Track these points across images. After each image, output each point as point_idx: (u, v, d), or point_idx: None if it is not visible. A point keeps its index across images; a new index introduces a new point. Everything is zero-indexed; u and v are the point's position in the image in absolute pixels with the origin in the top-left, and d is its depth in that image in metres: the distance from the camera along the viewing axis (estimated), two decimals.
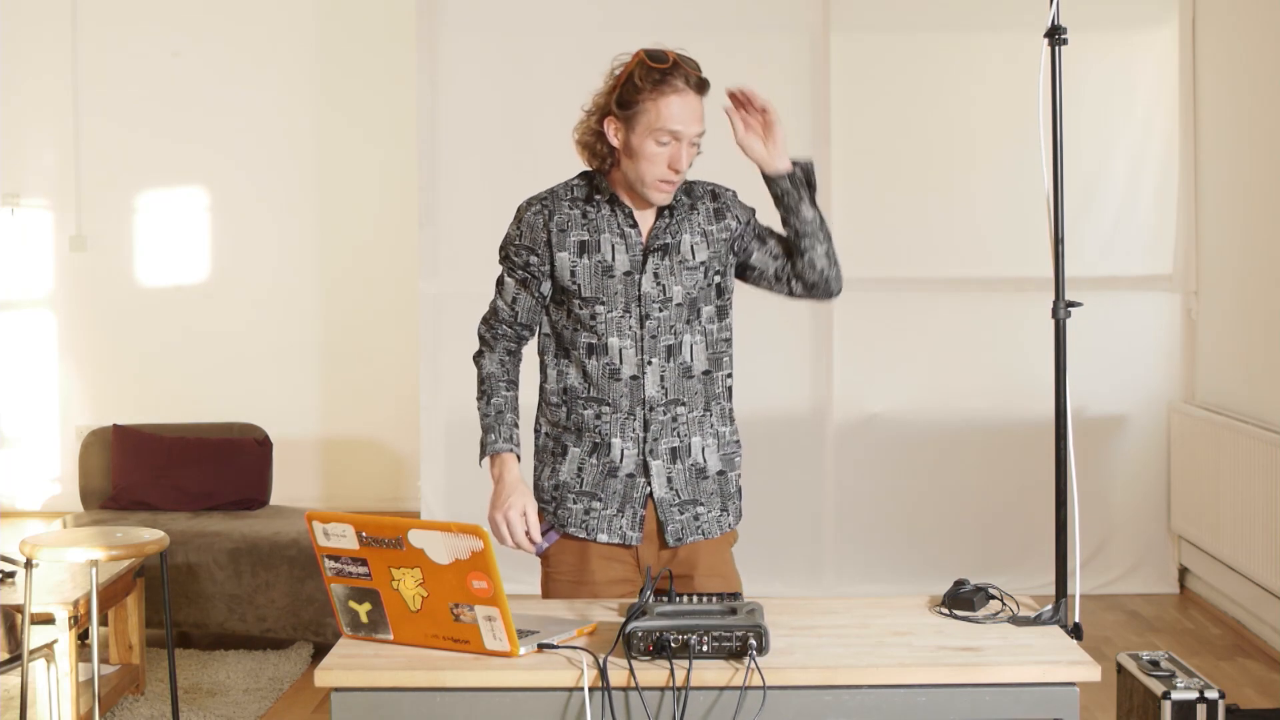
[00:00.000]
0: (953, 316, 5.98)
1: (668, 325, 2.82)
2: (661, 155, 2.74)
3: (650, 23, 5.89)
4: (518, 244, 2.87)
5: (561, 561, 2.88)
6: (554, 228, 2.83)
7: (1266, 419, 5.21)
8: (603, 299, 2.81)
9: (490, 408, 2.90)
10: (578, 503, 2.86)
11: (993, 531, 5.97)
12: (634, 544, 2.85)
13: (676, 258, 2.83)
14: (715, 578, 2.88)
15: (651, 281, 2.81)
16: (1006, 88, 5.82)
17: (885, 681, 2.28)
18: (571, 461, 2.88)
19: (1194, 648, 5.19)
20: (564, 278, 2.82)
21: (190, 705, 4.56)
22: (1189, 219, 5.92)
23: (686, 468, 2.86)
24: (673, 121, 2.72)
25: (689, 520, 2.87)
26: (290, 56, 7.44)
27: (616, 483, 2.84)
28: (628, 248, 2.82)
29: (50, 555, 3.98)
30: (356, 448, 7.52)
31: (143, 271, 7.57)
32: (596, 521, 2.85)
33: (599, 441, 2.85)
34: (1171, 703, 3.15)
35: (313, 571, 4.99)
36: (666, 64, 2.73)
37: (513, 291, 2.91)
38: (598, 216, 2.83)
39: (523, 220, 2.87)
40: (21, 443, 7.66)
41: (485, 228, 6.06)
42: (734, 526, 2.95)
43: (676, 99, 2.72)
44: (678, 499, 2.85)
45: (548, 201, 2.86)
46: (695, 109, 2.74)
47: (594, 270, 2.81)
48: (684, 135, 2.73)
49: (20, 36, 7.37)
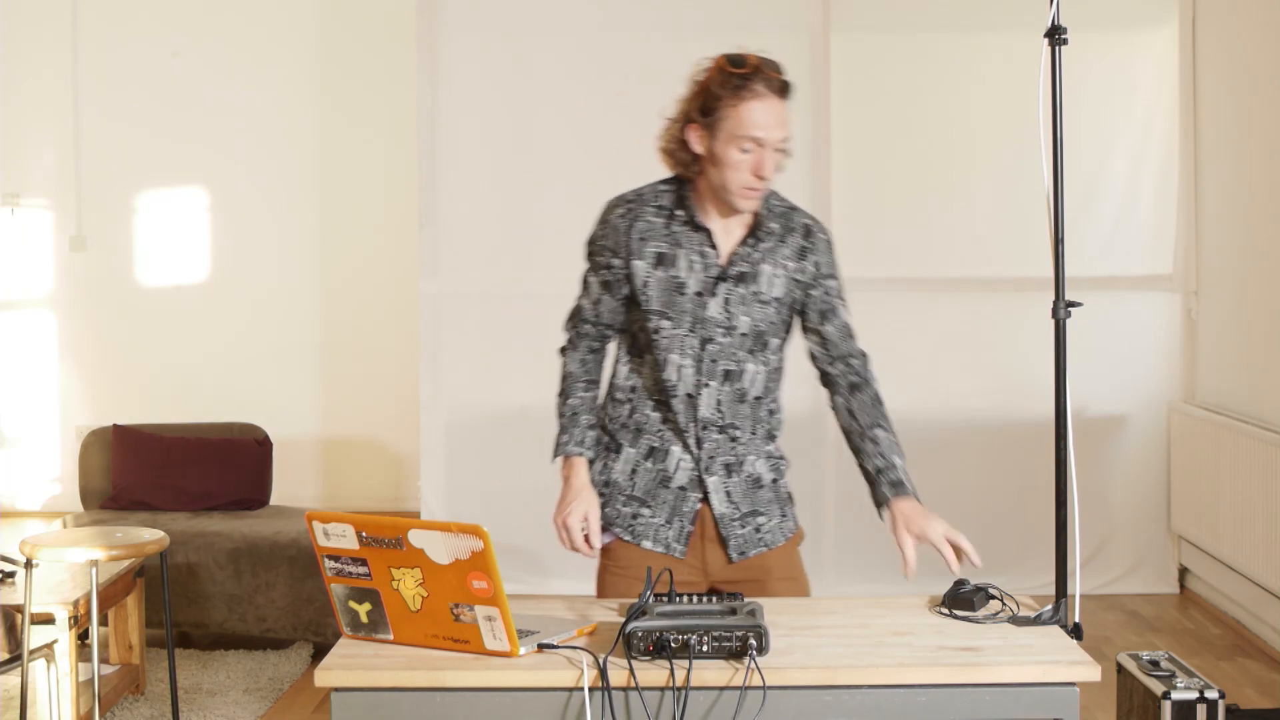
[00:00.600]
0: (953, 316, 5.98)
1: (729, 352, 2.78)
2: (745, 162, 2.68)
3: (650, 23, 5.90)
4: (600, 244, 2.84)
5: (622, 556, 2.86)
6: (635, 234, 2.79)
7: (1266, 419, 5.21)
8: (669, 315, 2.77)
9: (566, 408, 2.88)
10: (627, 506, 2.85)
11: (993, 531, 5.95)
12: (678, 556, 2.82)
13: (752, 288, 2.78)
14: (786, 581, 2.85)
15: (720, 307, 2.77)
16: (1006, 88, 5.82)
17: (885, 681, 2.28)
18: (625, 461, 2.86)
19: (1194, 648, 5.19)
20: (637, 286, 2.79)
21: (190, 705, 4.56)
22: (1189, 219, 5.92)
23: (742, 478, 2.84)
24: (755, 128, 2.65)
25: (750, 534, 2.84)
26: (290, 56, 7.44)
27: (668, 493, 2.83)
28: (704, 268, 2.77)
29: (50, 555, 3.98)
30: (356, 448, 7.52)
31: (143, 271, 7.57)
32: (644, 528, 2.84)
33: (657, 446, 2.83)
34: (1171, 703, 3.15)
35: (313, 571, 4.99)
36: (746, 69, 2.66)
37: (596, 292, 2.87)
38: (680, 232, 2.78)
39: (607, 221, 2.83)
40: (21, 443, 7.66)
41: (485, 228, 6.11)
42: (794, 532, 2.91)
43: (758, 104, 2.65)
44: (738, 512, 2.83)
45: (634, 204, 2.82)
46: (778, 114, 2.67)
47: (666, 284, 2.77)
48: (767, 141, 2.66)
49: (20, 36, 7.37)
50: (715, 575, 2.85)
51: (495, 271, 5.94)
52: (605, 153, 5.90)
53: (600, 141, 5.90)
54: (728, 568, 2.84)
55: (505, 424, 5.97)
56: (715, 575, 2.85)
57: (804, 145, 5.82)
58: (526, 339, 5.89)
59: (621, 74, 5.91)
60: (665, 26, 5.87)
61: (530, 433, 5.93)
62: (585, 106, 5.89)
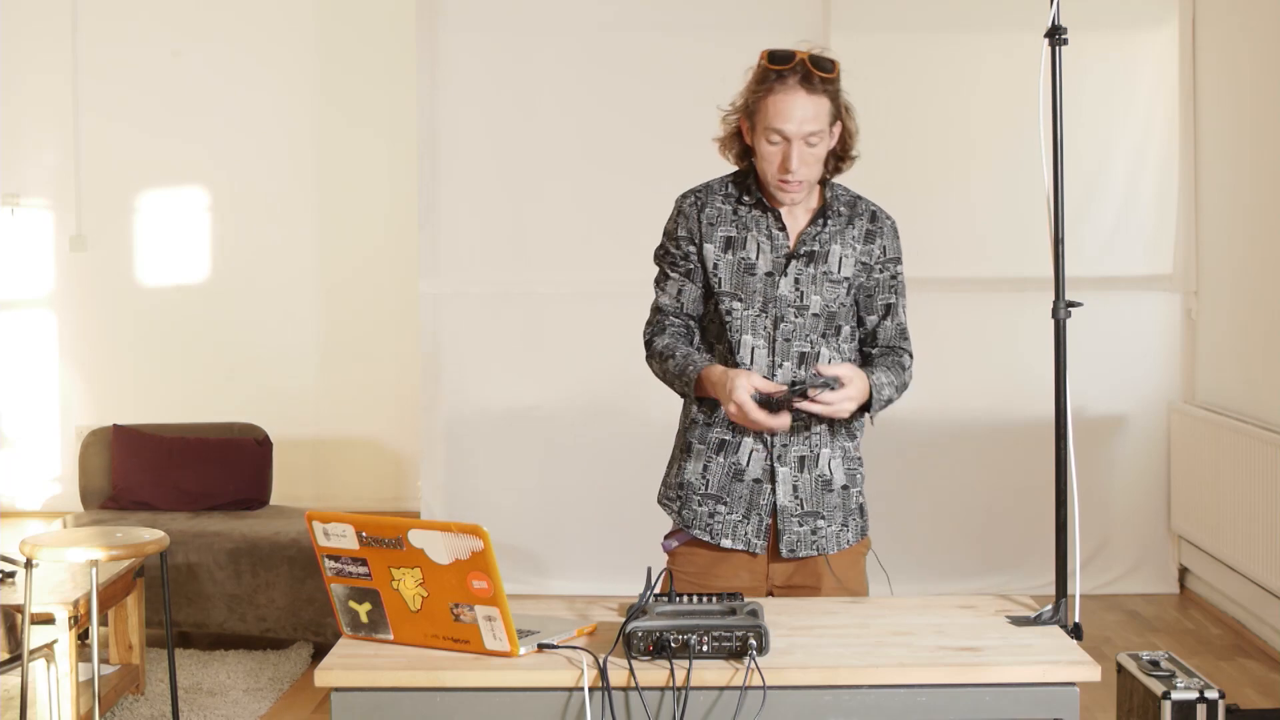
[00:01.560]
0: (953, 316, 5.98)
1: (803, 333, 2.79)
2: (774, 155, 2.71)
3: (651, 23, 5.90)
4: (676, 235, 2.85)
5: (690, 563, 2.85)
6: (704, 220, 2.82)
7: (1266, 419, 5.21)
8: (741, 296, 2.79)
9: (675, 361, 2.80)
10: (703, 505, 2.84)
11: (993, 531, 5.96)
12: (759, 552, 2.82)
13: (822, 267, 2.79)
14: (840, 590, 2.83)
15: (791, 286, 2.78)
16: (1006, 88, 5.82)
17: (885, 681, 2.28)
18: (696, 459, 2.85)
19: (1194, 648, 5.18)
20: (709, 269, 2.81)
21: (190, 705, 4.56)
22: (1189, 219, 5.92)
23: (813, 478, 2.82)
24: (777, 120, 2.68)
25: (806, 534, 2.82)
26: (290, 56, 7.44)
27: (743, 487, 2.82)
28: (773, 249, 2.79)
29: (50, 555, 3.98)
30: (356, 448, 7.52)
31: (143, 271, 7.57)
32: (722, 526, 2.83)
33: (728, 439, 2.82)
34: (1171, 703, 3.15)
35: (313, 571, 4.99)
36: (780, 62, 2.69)
37: (677, 284, 2.87)
38: (748, 215, 2.81)
39: (681, 211, 2.86)
40: (21, 443, 7.66)
41: (485, 228, 6.10)
42: (854, 543, 2.88)
43: (783, 97, 2.68)
44: (800, 509, 2.82)
45: (701, 194, 2.85)
46: (804, 107, 2.68)
47: (736, 267, 2.80)
48: (792, 135, 2.68)
49: (20, 36, 7.37)
50: (773, 577, 2.83)
51: (495, 271, 5.93)
52: (606, 152, 5.91)
53: (601, 141, 5.90)
54: (776, 564, 2.82)
55: (505, 424, 5.97)
56: (773, 577, 2.83)
57: None
58: (526, 339, 5.89)
59: (622, 73, 5.91)
60: (666, 26, 5.87)
61: (531, 433, 5.95)
62: (586, 106, 5.89)
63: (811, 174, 2.74)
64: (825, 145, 2.74)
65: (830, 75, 2.71)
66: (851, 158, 2.82)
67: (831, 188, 2.84)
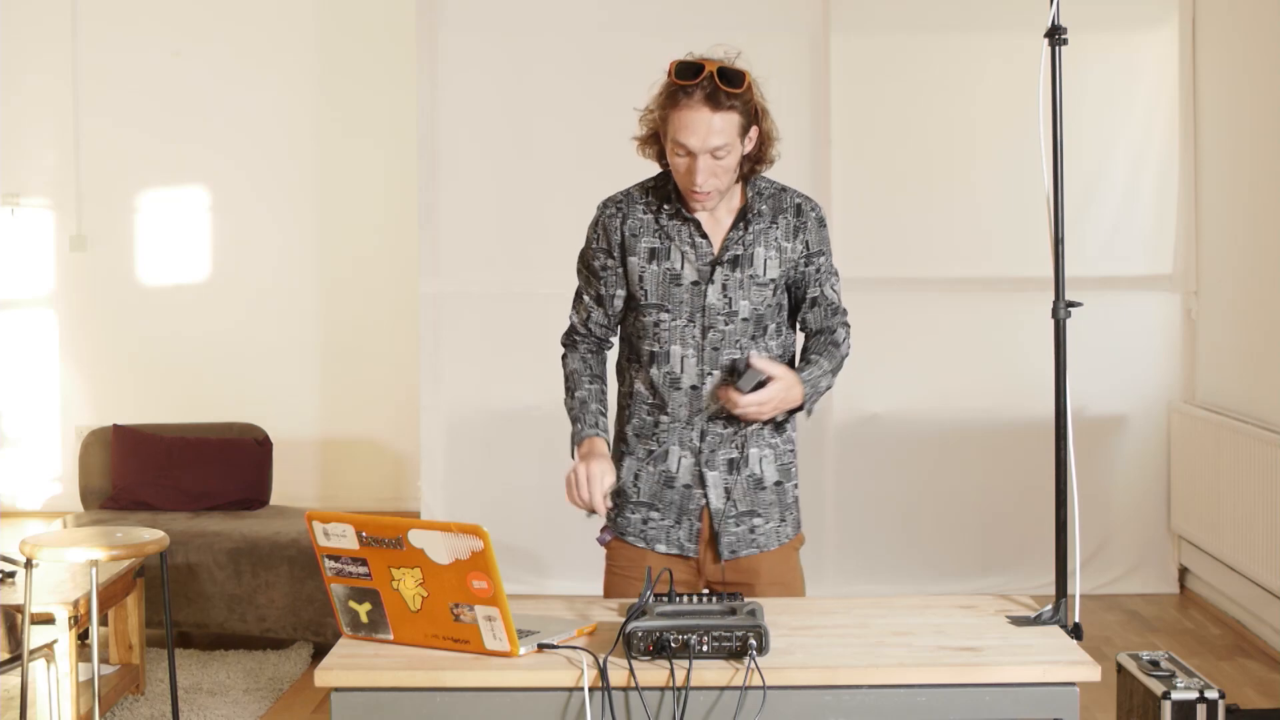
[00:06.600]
0: (953, 316, 5.98)
1: (732, 339, 2.79)
2: (681, 165, 2.70)
3: (651, 23, 5.89)
4: (594, 248, 2.85)
5: (623, 556, 2.88)
6: (626, 231, 2.81)
7: (1266, 419, 5.21)
8: (668, 307, 2.78)
9: (574, 401, 2.88)
10: (635, 512, 2.87)
11: (993, 531, 5.96)
12: (692, 555, 2.84)
13: (748, 271, 2.78)
14: (776, 585, 2.85)
15: (718, 294, 2.78)
16: (1006, 88, 5.82)
17: (885, 681, 2.28)
18: (628, 470, 2.87)
19: (1194, 648, 5.18)
20: (633, 282, 2.80)
21: (190, 705, 4.56)
22: (1189, 219, 5.92)
23: (744, 478, 2.84)
24: (681, 134, 2.66)
25: (744, 533, 2.84)
26: (290, 57, 7.44)
27: (673, 493, 2.84)
28: (697, 257, 2.78)
29: (50, 555, 3.98)
30: (356, 448, 7.52)
31: (143, 271, 7.57)
32: (655, 532, 2.85)
33: (655, 448, 2.84)
34: (1171, 703, 3.15)
35: (313, 571, 4.99)
36: (685, 77, 2.66)
37: (587, 308, 2.89)
38: (669, 225, 2.79)
39: (598, 224, 2.85)
40: (21, 443, 7.66)
41: (485, 228, 6.10)
42: (791, 538, 2.91)
43: (688, 114, 2.65)
44: (735, 510, 2.83)
45: (622, 204, 2.83)
46: (706, 123, 2.64)
47: (661, 278, 2.79)
48: (696, 150, 2.65)
49: (20, 36, 7.37)
50: (707, 575, 2.86)
51: (495, 271, 5.93)
52: (605, 153, 5.87)
53: (600, 142, 5.88)
54: (715, 566, 2.85)
55: (505, 424, 5.97)
56: (707, 575, 2.86)
57: (804, 145, 5.82)
58: (526, 339, 5.88)
59: (622, 75, 5.90)
60: (666, 27, 5.87)
61: (531, 433, 5.95)
62: (585, 107, 5.89)
63: (721, 184, 2.71)
64: (736, 155, 2.70)
65: (738, 90, 2.66)
66: (770, 160, 2.79)
67: (754, 184, 2.81)
